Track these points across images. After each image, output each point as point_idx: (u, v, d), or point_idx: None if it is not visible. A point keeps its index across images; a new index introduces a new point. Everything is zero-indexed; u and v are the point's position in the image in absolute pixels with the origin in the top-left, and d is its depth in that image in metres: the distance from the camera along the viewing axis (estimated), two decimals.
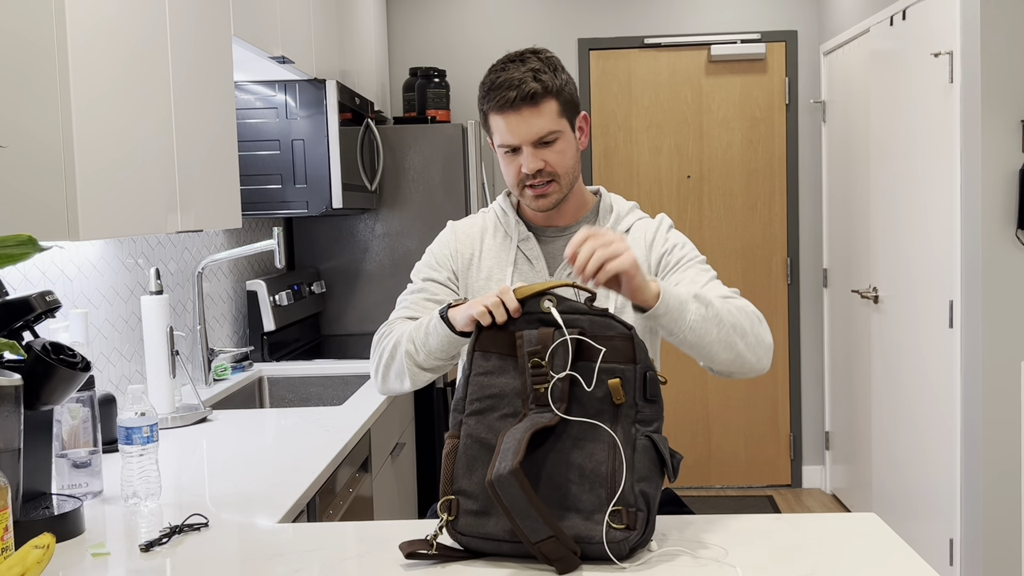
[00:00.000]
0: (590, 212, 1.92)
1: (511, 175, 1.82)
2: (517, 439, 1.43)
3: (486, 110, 1.80)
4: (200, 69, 2.50)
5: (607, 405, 1.48)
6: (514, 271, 1.87)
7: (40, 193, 1.87)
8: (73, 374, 1.68)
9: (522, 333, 1.51)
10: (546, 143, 1.78)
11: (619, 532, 1.43)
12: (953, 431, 3.44)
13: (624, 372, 1.48)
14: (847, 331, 4.72)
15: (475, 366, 1.54)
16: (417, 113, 4.49)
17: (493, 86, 1.77)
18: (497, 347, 1.54)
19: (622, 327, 1.50)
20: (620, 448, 1.46)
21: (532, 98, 1.74)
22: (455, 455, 1.51)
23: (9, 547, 1.43)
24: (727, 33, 5.02)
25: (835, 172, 4.86)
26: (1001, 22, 3.19)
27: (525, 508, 1.39)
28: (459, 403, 1.54)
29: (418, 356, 1.74)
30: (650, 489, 1.47)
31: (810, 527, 1.67)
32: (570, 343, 1.48)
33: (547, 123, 1.77)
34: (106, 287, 2.65)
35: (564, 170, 1.81)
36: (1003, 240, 3.23)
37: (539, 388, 1.48)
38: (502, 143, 1.80)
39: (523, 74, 1.75)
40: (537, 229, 1.91)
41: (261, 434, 2.50)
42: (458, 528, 1.48)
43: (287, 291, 3.81)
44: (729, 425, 5.18)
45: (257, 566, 1.54)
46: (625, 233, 1.89)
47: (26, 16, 1.84)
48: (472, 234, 1.95)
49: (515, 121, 1.76)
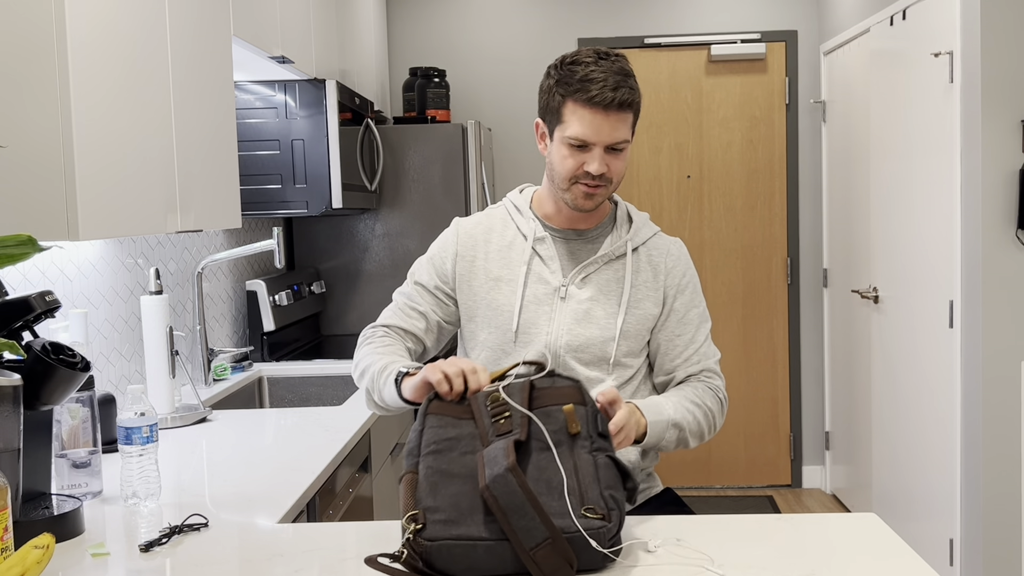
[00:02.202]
0: (607, 219, 1.93)
1: (568, 168, 1.79)
2: (501, 448, 1.43)
3: (566, 97, 1.75)
4: (200, 69, 2.50)
5: (564, 436, 1.50)
6: (528, 272, 1.86)
7: (40, 193, 1.87)
8: (73, 374, 1.68)
9: (475, 395, 1.56)
10: (616, 150, 1.79)
11: (596, 521, 1.40)
12: (953, 431, 3.44)
13: (576, 408, 1.52)
14: (847, 331, 4.72)
15: (428, 424, 1.54)
16: (417, 113, 4.49)
17: (586, 78, 1.73)
18: (450, 411, 1.55)
19: (568, 380, 1.58)
20: (583, 469, 1.46)
21: (624, 105, 1.74)
22: (415, 485, 1.45)
23: (9, 547, 1.43)
24: (727, 33, 5.02)
25: (835, 172, 4.86)
26: (1001, 22, 3.19)
27: (522, 505, 1.35)
28: (413, 450, 1.50)
29: (374, 396, 1.82)
30: (618, 495, 1.46)
31: (810, 527, 1.67)
32: (525, 384, 1.55)
33: (625, 132, 1.77)
34: (106, 287, 2.65)
35: (619, 178, 1.83)
36: (1003, 240, 3.23)
37: (499, 420, 1.50)
38: (578, 137, 1.76)
39: (618, 78, 1.74)
40: (555, 229, 1.90)
41: (261, 434, 2.50)
42: (426, 536, 1.37)
43: (287, 291, 3.81)
44: (729, 425, 5.17)
45: (257, 566, 1.54)
46: (642, 246, 1.91)
47: (26, 16, 1.84)
48: (476, 235, 1.93)
49: (602, 121, 1.74)
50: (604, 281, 1.86)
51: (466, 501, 1.42)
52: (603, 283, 1.86)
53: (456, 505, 1.41)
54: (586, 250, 1.89)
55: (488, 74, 4.99)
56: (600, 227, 1.91)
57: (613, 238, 1.89)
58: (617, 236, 1.89)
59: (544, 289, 1.86)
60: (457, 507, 1.41)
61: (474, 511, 1.40)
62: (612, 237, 1.89)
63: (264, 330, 3.64)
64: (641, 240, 1.90)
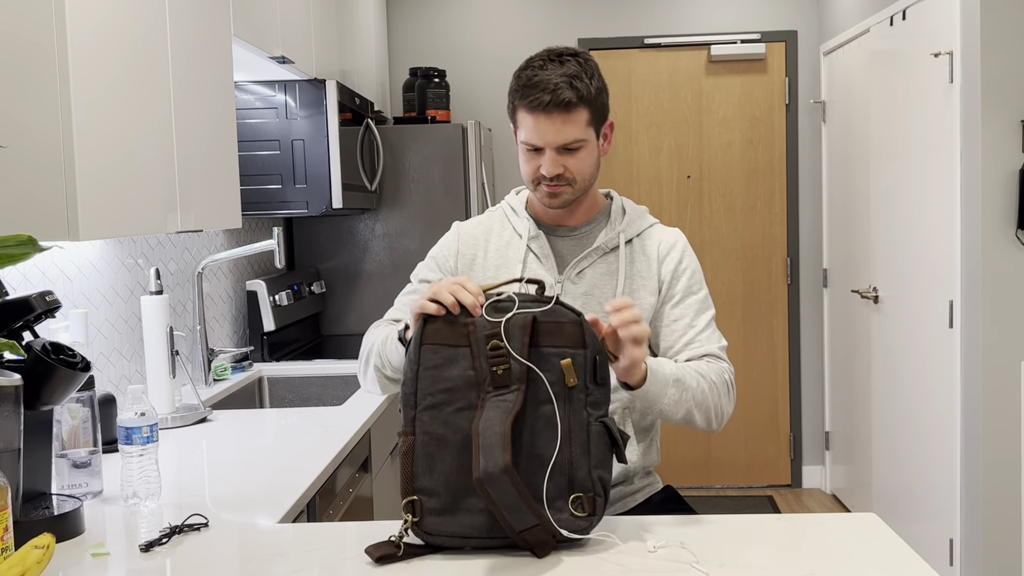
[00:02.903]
0: (601, 214, 1.93)
1: (529, 171, 1.82)
2: (497, 432, 1.44)
3: (516, 103, 1.79)
4: (200, 69, 2.50)
5: (561, 388, 1.51)
6: (524, 270, 1.87)
7: (40, 193, 1.87)
8: (73, 374, 1.68)
9: (473, 320, 1.53)
10: (570, 150, 1.78)
11: (583, 521, 1.49)
12: (953, 431, 3.44)
13: (575, 356, 1.52)
14: (847, 331, 4.72)
15: (424, 360, 1.53)
16: (417, 113, 4.49)
17: (529, 83, 1.76)
18: (446, 339, 1.53)
19: (572, 313, 1.54)
20: (576, 435, 1.50)
21: (565, 106, 1.73)
22: (413, 454, 1.52)
23: (9, 547, 1.43)
24: (727, 33, 5.02)
25: (835, 172, 4.86)
26: (1001, 22, 3.19)
27: (515, 503, 1.43)
28: (409, 398, 1.53)
29: (385, 370, 1.77)
30: (606, 474, 1.52)
31: (810, 527, 1.67)
32: (527, 320, 1.51)
33: (574, 132, 1.76)
34: (106, 287, 2.65)
35: (582, 176, 1.81)
36: (1003, 240, 3.23)
37: (497, 370, 1.50)
38: (527, 141, 1.79)
39: (560, 79, 1.73)
40: (547, 227, 1.92)
41: (261, 434, 2.50)
42: (424, 528, 1.50)
43: (287, 291, 3.81)
44: (729, 425, 5.17)
45: (257, 566, 1.54)
46: (637, 237, 1.89)
47: (26, 16, 1.84)
48: (476, 235, 1.95)
49: (544, 124, 1.75)
50: (599, 275, 1.86)
51: (459, 478, 1.49)
52: (598, 277, 1.86)
53: (449, 486, 1.49)
54: (580, 245, 1.89)
55: (488, 74, 4.99)
56: (593, 222, 1.91)
57: (607, 231, 1.89)
58: (611, 229, 1.90)
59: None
60: (451, 488, 1.49)
61: (468, 493, 1.49)
62: (606, 231, 1.89)
63: (264, 330, 3.64)
64: (635, 231, 1.90)
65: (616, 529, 1.58)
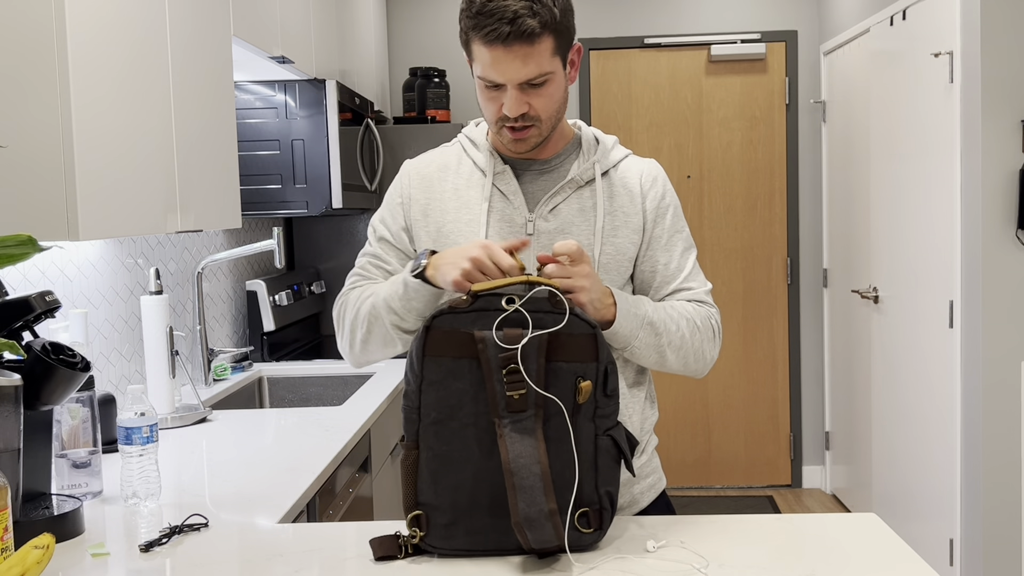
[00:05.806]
0: (571, 144, 1.74)
1: (490, 112, 1.63)
2: (535, 474, 1.40)
3: (469, 32, 1.58)
4: (200, 69, 2.50)
5: (569, 403, 1.46)
6: (489, 209, 1.70)
7: (40, 193, 1.87)
8: (73, 374, 1.68)
9: (482, 335, 1.44)
10: (535, 85, 1.58)
11: (588, 536, 1.48)
12: (953, 431, 3.44)
13: (586, 371, 1.46)
14: (847, 331, 4.72)
15: (427, 374, 1.47)
16: (417, 113, 4.49)
17: (482, 10, 1.54)
18: (449, 350, 1.46)
19: (587, 325, 1.47)
20: (584, 449, 1.47)
21: (528, 36, 1.53)
22: (416, 469, 1.47)
23: (9, 547, 1.43)
24: (727, 33, 5.02)
25: (835, 172, 4.86)
26: (1001, 22, 3.19)
27: (550, 539, 1.40)
28: (412, 412, 1.48)
29: (405, 323, 1.61)
30: (613, 489, 1.50)
31: (810, 527, 1.67)
32: (543, 340, 1.44)
33: (539, 64, 1.56)
34: (106, 287, 2.65)
35: (548, 114, 1.62)
36: (1003, 240, 3.23)
37: (514, 395, 1.42)
38: (484, 77, 1.59)
39: (520, 4, 1.52)
40: (513, 162, 1.72)
41: (261, 434, 2.50)
42: (430, 543, 1.48)
43: (287, 291, 3.81)
44: (729, 425, 5.18)
45: (257, 566, 1.54)
46: (613, 169, 1.74)
47: (26, 16, 1.84)
48: (429, 175, 1.75)
49: (504, 58, 1.55)
50: (575, 211, 1.69)
51: (465, 496, 1.46)
52: (574, 213, 1.68)
53: (455, 504, 1.46)
54: (551, 179, 1.71)
55: None
56: (563, 153, 1.73)
57: (580, 163, 1.71)
58: (584, 160, 1.72)
59: (509, 227, 1.68)
60: (457, 507, 1.46)
61: (473, 508, 1.46)
62: (579, 161, 1.72)
63: (264, 330, 3.64)
64: (611, 163, 1.73)
65: (616, 529, 1.58)
